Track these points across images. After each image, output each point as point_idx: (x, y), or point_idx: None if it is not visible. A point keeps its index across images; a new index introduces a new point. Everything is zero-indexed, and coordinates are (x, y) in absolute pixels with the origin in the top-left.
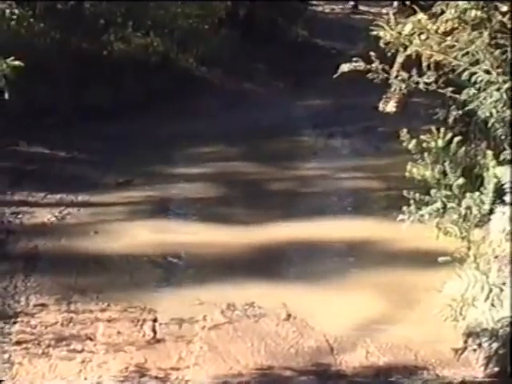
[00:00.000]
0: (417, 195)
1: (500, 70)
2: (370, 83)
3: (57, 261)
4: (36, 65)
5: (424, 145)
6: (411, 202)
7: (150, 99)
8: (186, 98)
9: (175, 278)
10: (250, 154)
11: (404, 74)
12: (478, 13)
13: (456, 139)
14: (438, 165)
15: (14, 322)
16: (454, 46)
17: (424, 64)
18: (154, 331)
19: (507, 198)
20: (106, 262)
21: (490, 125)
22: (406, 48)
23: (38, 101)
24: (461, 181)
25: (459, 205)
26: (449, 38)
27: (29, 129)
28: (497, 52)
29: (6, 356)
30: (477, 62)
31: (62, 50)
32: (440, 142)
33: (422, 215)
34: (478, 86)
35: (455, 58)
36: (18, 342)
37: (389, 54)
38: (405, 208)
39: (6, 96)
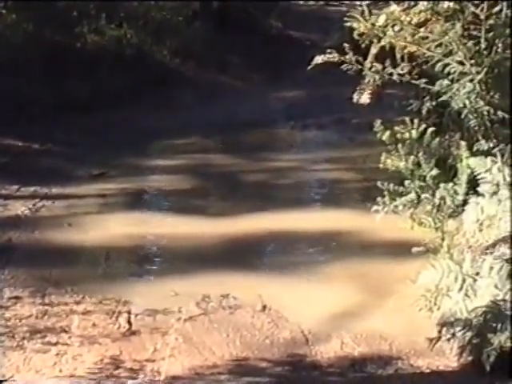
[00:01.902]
0: (391, 186)
1: (473, 61)
2: (345, 74)
3: (31, 253)
4: (8, 57)
5: (398, 136)
6: (385, 192)
7: (125, 91)
8: (161, 91)
9: (150, 270)
10: (225, 145)
11: (378, 66)
12: (451, 4)
13: (430, 130)
14: (411, 156)
15: None
16: (427, 38)
17: (398, 55)
18: (129, 323)
19: (480, 189)
20: (80, 255)
21: (463, 116)
22: (379, 39)
23: (11, 93)
24: (434, 172)
25: (433, 195)
26: (422, 29)
27: (2, 121)
28: (470, 43)
29: None
30: (450, 53)
31: (35, 41)
32: (414, 133)
33: (396, 206)
34: (451, 77)
35: (428, 49)
36: None
37: (363, 46)
38: (379, 199)
39: None
